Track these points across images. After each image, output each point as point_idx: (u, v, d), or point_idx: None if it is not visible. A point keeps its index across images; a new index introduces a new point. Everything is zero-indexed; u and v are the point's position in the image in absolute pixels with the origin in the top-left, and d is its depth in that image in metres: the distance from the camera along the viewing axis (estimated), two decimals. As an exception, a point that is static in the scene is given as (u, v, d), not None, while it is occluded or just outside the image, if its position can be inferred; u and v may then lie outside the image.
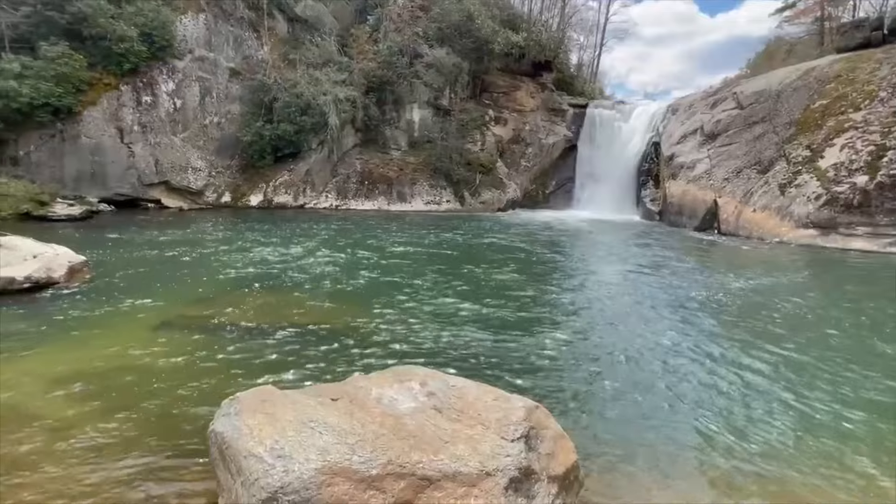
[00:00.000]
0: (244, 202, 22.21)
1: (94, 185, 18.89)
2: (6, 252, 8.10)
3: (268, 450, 2.45)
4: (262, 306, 7.39)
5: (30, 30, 18.08)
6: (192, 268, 9.93)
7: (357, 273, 9.92)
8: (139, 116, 19.83)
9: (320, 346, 5.83)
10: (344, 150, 24.88)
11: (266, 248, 12.36)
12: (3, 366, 4.93)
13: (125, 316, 6.75)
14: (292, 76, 23.07)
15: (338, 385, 3.54)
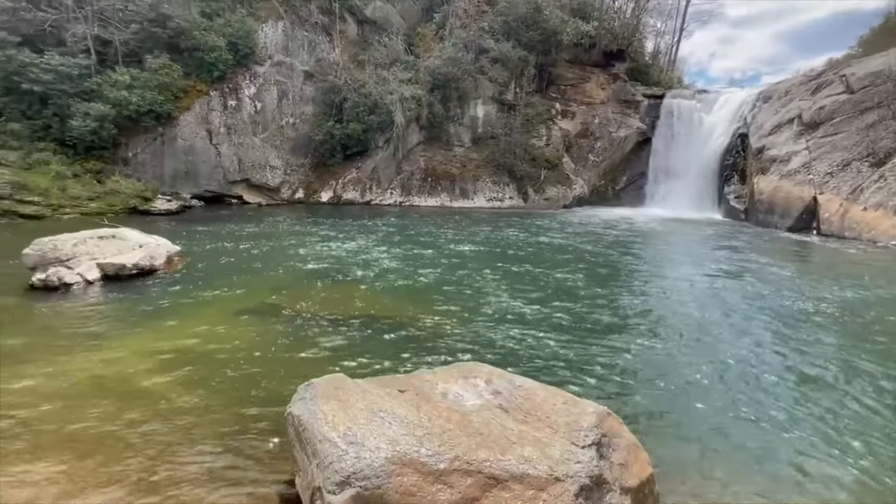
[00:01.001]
0: (315, 198, 23.46)
1: (187, 182, 20.90)
2: (119, 242, 9.19)
3: (341, 435, 2.53)
4: (330, 298, 7.74)
5: (138, 45, 20.34)
6: (269, 259, 10.64)
7: (419, 268, 10.07)
8: (225, 119, 21.61)
9: (384, 339, 5.98)
10: (408, 148, 25.41)
11: (335, 243, 12.94)
12: (115, 341, 5.59)
13: (212, 302, 7.38)
14: (361, 76, 23.93)
15: (404, 378, 3.59)
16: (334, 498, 2.30)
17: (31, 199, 15.74)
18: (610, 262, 11.58)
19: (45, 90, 17.67)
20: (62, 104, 17.90)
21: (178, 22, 19.87)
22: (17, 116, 17.53)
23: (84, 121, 17.79)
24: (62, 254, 8.20)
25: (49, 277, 7.73)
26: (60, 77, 18.01)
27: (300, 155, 23.76)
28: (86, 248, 8.55)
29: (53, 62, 18.06)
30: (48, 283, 7.65)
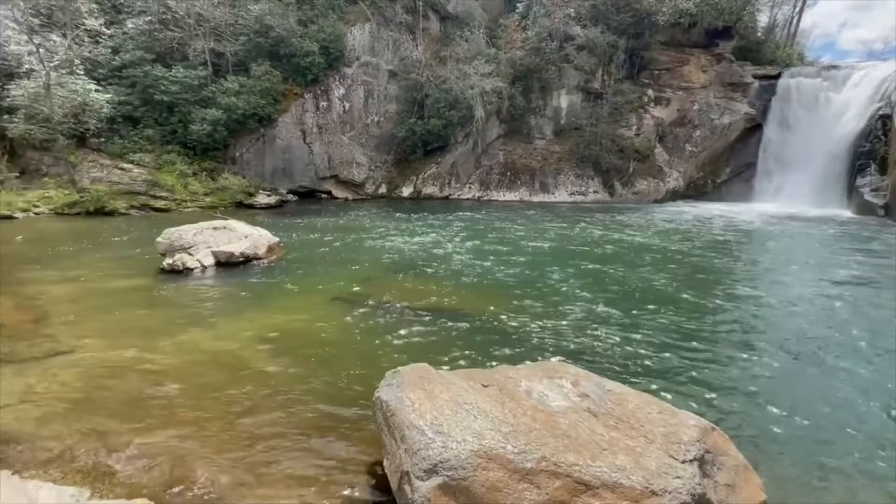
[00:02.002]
0: (397, 193, 24.31)
1: (284, 178, 22.78)
2: (229, 232, 10.26)
3: (428, 424, 2.56)
4: (411, 289, 7.94)
5: (245, 55, 22.51)
6: (355, 251, 11.22)
7: (497, 264, 9.97)
8: (317, 119, 23.16)
9: (461, 332, 5.99)
10: (488, 142, 25.28)
11: (415, 237, 13.29)
12: (226, 319, 6.25)
13: (306, 288, 7.95)
14: (443, 72, 24.22)
15: (487, 372, 3.54)
16: (422, 484, 2.34)
17: (161, 194, 18.22)
18: (709, 265, 10.49)
19: (173, 100, 20.28)
20: (185, 111, 20.44)
21: (279, 31, 21.63)
22: (151, 123, 20.36)
23: (202, 125, 20.16)
24: (185, 242, 9.36)
25: (175, 263, 8.86)
26: (184, 88, 20.55)
27: (383, 151, 24.74)
28: (203, 238, 9.67)
29: (179, 75, 20.66)
30: (174, 267, 8.78)
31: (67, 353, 5.05)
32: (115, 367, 4.72)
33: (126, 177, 18.22)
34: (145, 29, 21.79)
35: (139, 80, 20.20)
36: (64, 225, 14.14)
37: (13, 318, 6.13)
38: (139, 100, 20.19)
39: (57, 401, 4.01)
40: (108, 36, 21.59)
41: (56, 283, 7.91)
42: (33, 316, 6.28)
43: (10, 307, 6.57)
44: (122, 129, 19.74)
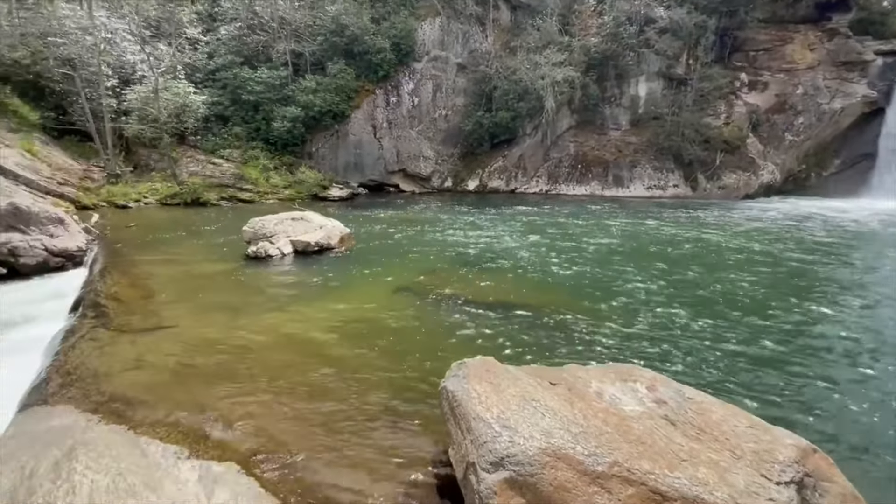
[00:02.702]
0: (462, 187, 24.39)
1: (355, 172, 23.76)
2: (305, 223, 10.90)
3: (495, 418, 2.53)
4: (475, 283, 7.93)
5: (322, 54, 23.69)
6: (421, 243, 11.43)
7: (564, 261, 9.65)
8: (387, 115, 23.83)
9: (524, 328, 5.88)
10: (557, 134, 24.50)
11: (479, 231, 13.25)
12: (302, 304, 6.66)
13: (374, 278, 8.24)
14: (512, 63, 23.80)
15: (555, 370, 3.43)
16: (488, 476, 2.32)
17: (246, 187, 19.81)
18: (809, 272, 9.33)
19: (257, 99, 21.90)
20: (268, 110, 21.98)
21: (353, 30, 22.48)
22: (239, 122, 22.16)
23: (282, 123, 21.57)
24: (267, 231, 10.10)
25: (258, 250, 9.59)
26: (267, 87, 22.09)
27: (450, 145, 24.91)
28: (282, 228, 10.36)
29: (263, 76, 22.24)
30: (258, 254, 9.51)
31: (169, 328, 5.67)
32: (208, 341, 5.22)
33: (217, 171, 20.03)
34: (235, 34, 23.69)
35: (229, 81, 22.04)
36: (166, 213, 15.87)
37: (128, 295, 6.99)
38: (229, 100, 22.04)
39: (162, 368, 4.52)
40: (205, 43, 23.77)
41: (160, 265, 8.90)
42: (143, 293, 7.13)
43: (125, 285, 7.51)
44: (215, 127, 21.69)
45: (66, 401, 3.84)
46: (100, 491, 2.45)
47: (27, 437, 3.18)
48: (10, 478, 2.57)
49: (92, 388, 4.06)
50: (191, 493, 2.58)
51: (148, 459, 2.88)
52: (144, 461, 2.85)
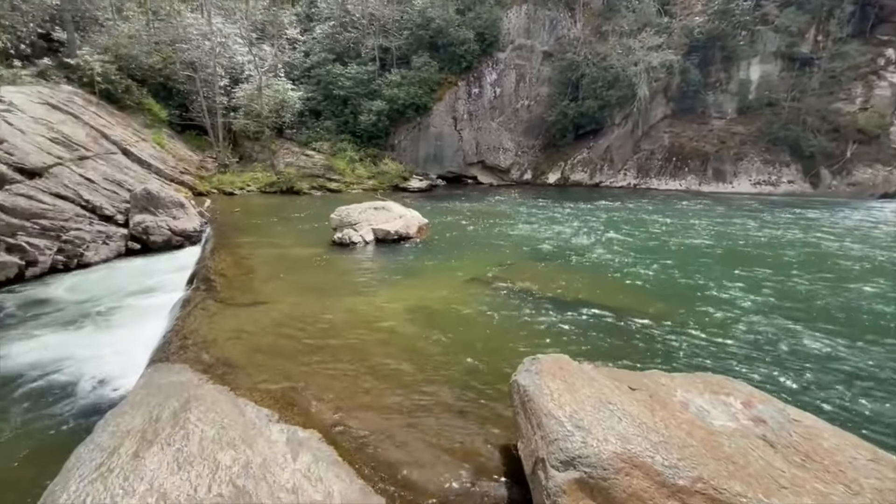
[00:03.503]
0: (542, 179, 23.75)
1: (434, 164, 24.19)
2: (386, 212, 11.36)
3: (567, 416, 2.46)
4: (551, 279, 7.71)
5: (407, 48, 24.31)
6: (497, 235, 11.36)
7: (650, 261, 9.00)
8: (468, 106, 23.87)
9: (603, 329, 5.60)
10: (650, 124, 22.82)
11: (559, 225, 12.83)
12: (381, 291, 6.98)
13: (450, 268, 8.37)
14: (603, 49, 22.54)
15: (635, 374, 3.24)
16: (558, 475, 2.27)
17: (334, 177, 21.10)
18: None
19: (347, 94, 23.11)
20: (356, 104, 23.12)
21: (438, 22, 22.76)
22: (329, 116, 23.59)
23: (368, 116, 22.57)
24: (351, 219, 10.69)
25: (343, 237, 10.20)
26: (356, 83, 23.22)
27: (531, 136, 24.34)
28: (365, 217, 10.90)
29: (352, 71, 23.40)
30: (342, 241, 10.12)
31: (265, 303, 6.26)
32: (296, 318, 5.68)
33: (309, 162, 21.56)
34: (329, 32, 25.16)
35: (322, 78, 23.51)
36: (265, 200, 17.46)
37: (233, 272, 7.83)
38: (321, 95, 23.53)
39: (258, 339, 5.02)
40: (302, 42, 25.57)
41: (259, 246, 9.84)
42: (244, 271, 7.94)
43: (231, 263, 8.42)
44: (309, 121, 23.32)
45: (182, 360, 4.43)
46: (207, 440, 2.80)
47: (154, 387, 3.72)
48: (141, 419, 3.04)
49: (202, 352, 4.63)
50: (279, 453, 2.85)
51: (245, 418, 3.23)
52: (242, 419, 3.19)
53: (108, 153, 14.38)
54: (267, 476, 2.62)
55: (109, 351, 6.01)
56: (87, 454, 2.74)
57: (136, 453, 2.67)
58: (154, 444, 2.76)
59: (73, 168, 11.83)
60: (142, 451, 2.69)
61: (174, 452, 2.68)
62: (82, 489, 2.42)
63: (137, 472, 2.52)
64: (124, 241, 11.02)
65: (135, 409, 3.25)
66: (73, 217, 10.48)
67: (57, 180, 10.98)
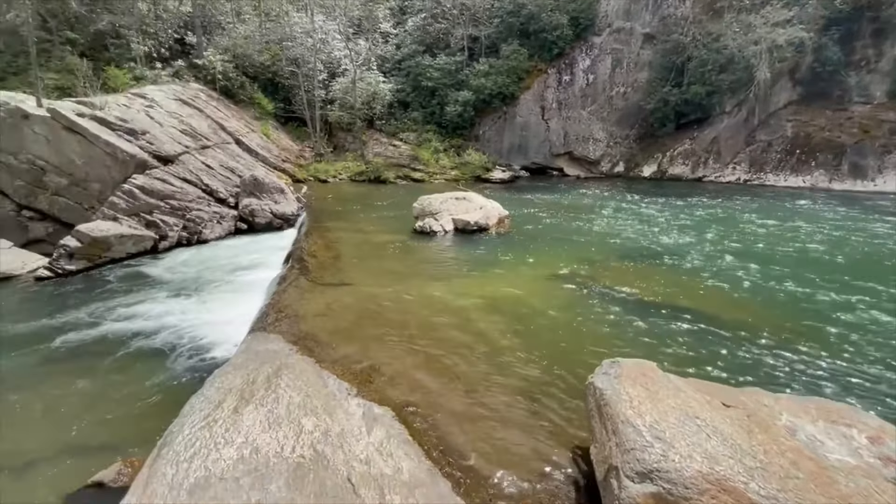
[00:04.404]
0: (636, 172, 22.17)
1: (518, 155, 23.71)
2: (467, 203, 11.42)
3: (647, 426, 2.29)
4: (638, 280, 7.19)
5: (497, 36, 23.96)
6: (581, 231, 10.86)
7: (758, 267, 8.00)
8: (558, 95, 22.96)
9: (694, 337, 5.10)
10: (770, 111, 20.15)
11: (651, 223, 11.92)
12: (458, 280, 7.06)
13: (528, 261, 8.19)
14: (716, 28, 20.29)
15: (731, 390, 2.92)
16: (633, 486, 2.13)
17: (418, 167, 21.64)
18: None
19: (434, 85, 23.46)
20: (443, 95, 23.38)
21: (530, 8, 22.10)
22: (417, 107, 24.14)
23: (454, 107, 22.73)
24: (433, 209, 10.91)
25: (424, 225, 10.46)
26: (443, 73, 23.46)
27: (625, 126, 22.80)
28: (446, 207, 11.05)
29: (441, 62, 23.66)
30: (423, 229, 10.38)
31: (350, 285, 6.66)
32: (377, 300, 5.96)
33: (396, 152, 22.34)
34: (420, 24, 25.67)
35: (412, 69, 24.10)
36: (354, 188, 18.48)
37: (323, 254, 8.43)
38: (410, 87, 24.15)
39: (341, 318, 5.36)
40: (394, 35, 26.40)
41: (346, 231, 10.46)
42: (333, 254, 8.51)
43: (321, 246, 9.07)
44: (397, 112, 24.10)
45: (276, 331, 4.88)
46: (294, 405, 3.07)
47: (252, 353, 4.15)
48: (240, 380, 3.41)
49: (293, 325, 5.07)
50: (355, 425, 3.03)
51: (327, 389, 3.47)
52: (325, 390, 3.44)
53: (224, 143, 16.19)
54: (343, 445, 2.79)
55: (219, 317, 6.83)
56: (198, 404, 3.15)
57: (235, 409, 3.00)
58: (250, 402, 3.08)
59: (197, 156, 13.51)
60: (240, 407, 3.02)
61: (266, 413, 2.97)
62: (193, 434, 2.78)
63: (236, 425, 2.83)
64: (234, 221, 12.39)
65: (236, 370, 3.66)
66: (195, 199, 12.00)
67: (184, 166, 12.63)
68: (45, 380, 5.32)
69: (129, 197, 10.94)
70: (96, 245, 9.66)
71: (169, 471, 2.49)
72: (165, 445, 2.75)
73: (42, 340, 6.33)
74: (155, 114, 14.01)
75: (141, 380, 5.25)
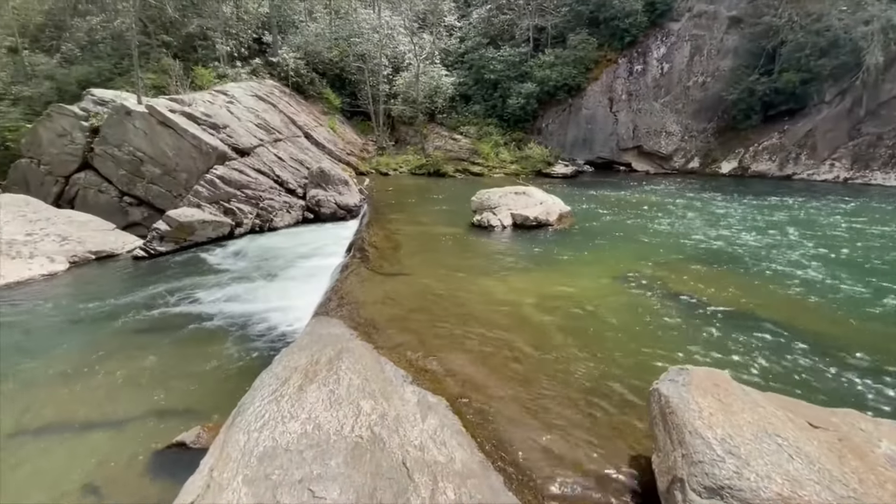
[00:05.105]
0: (712, 169, 20.58)
1: (583, 149, 22.86)
2: (526, 198, 11.20)
3: (718, 439, 2.13)
4: (711, 284, 6.67)
5: (564, 26, 23.16)
6: (648, 230, 10.27)
7: (857, 278, 7.12)
8: (628, 86, 21.80)
9: (773, 349, 4.65)
10: (880, 100, 17.80)
11: (730, 224, 11.03)
12: (515, 276, 6.97)
13: (589, 260, 7.90)
14: (816, 7, 18.23)
15: (820, 410, 2.63)
16: (700, 501, 1.99)
17: (478, 161, 21.54)
18: None
19: (497, 77, 23.16)
20: (506, 87, 23.04)
21: (601, -6, 21.13)
22: (479, 100, 23.99)
23: (517, 99, 22.32)
24: (491, 203, 10.83)
25: (482, 220, 10.41)
26: (507, 65, 23.08)
27: (702, 119, 21.21)
28: (505, 201, 10.91)
29: (505, 54, 23.30)
30: (481, 223, 10.34)
31: (407, 275, 6.80)
32: (434, 292, 6.05)
33: (456, 146, 22.39)
34: (485, 16, 25.42)
35: (475, 62, 23.95)
36: (413, 182, 18.79)
37: (383, 245, 8.68)
38: (473, 80, 24.03)
39: (399, 307, 5.49)
40: (458, 28, 26.36)
41: (405, 223, 10.67)
42: (392, 245, 8.72)
43: (382, 237, 9.34)
44: (459, 105, 24.10)
45: (339, 316, 5.10)
46: (353, 387, 3.20)
47: (316, 335, 4.37)
48: (305, 360, 3.61)
49: (354, 312, 5.27)
50: (410, 412, 3.10)
51: (384, 375, 3.58)
52: (382, 375, 3.55)
53: (294, 136, 17.10)
54: (399, 429, 2.87)
55: (286, 300, 7.28)
56: (268, 379, 3.37)
57: (300, 387, 3.18)
58: (313, 381, 3.25)
59: (270, 148, 14.39)
60: (305, 385, 3.20)
61: (328, 392, 3.12)
62: (263, 407, 2.99)
63: (300, 402, 3.00)
64: (302, 211, 13.08)
65: (301, 350, 3.87)
66: (267, 189, 12.81)
67: (259, 158, 13.51)
68: (133, 348, 5.97)
69: (211, 186, 11.90)
70: (182, 229, 10.63)
71: (242, 438, 2.70)
72: (239, 415, 2.98)
73: (133, 313, 7.11)
74: (234, 109, 15.09)
75: (214, 353, 5.73)
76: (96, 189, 12.49)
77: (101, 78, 20.33)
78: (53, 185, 12.92)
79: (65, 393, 4.97)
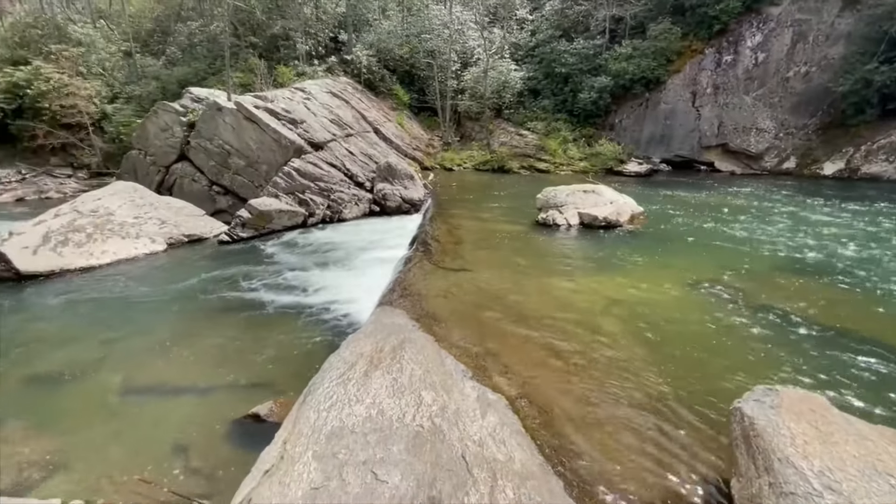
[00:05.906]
0: (812, 170, 18.45)
1: (659, 146, 21.49)
2: (595, 196, 10.76)
3: (815, 471, 1.91)
4: (801, 298, 5.99)
5: (644, 15, 21.84)
6: (730, 236, 9.44)
7: None
8: (715, 78, 20.13)
9: (876, 374, 4.07)
10: None
11: (829, 233, 9.85)
12: (581, 277, 6.72)
13: (661, 265, 7.42)
14: (950, -15, 15.67)
15: (944, 448, 2.27)
16: (788, 539, 1.81)
17: (544, 157, 21.03)
18: None
19: (569, 71, 22.40)
20: (577, 81, 22.23)
21: (689, -20, 19.65)
22: (548, 94, 23.35)
23: (589, 94, 21.46)
24: (558, 201, 10.52)
25: (547, 218, 10.16)
26: (580, 59, 22.24)
27: (803, 114, 19.08)
28: (572, 199, 10.56)
29: (578, 47, 22.46)
30: (546, 222, 10.10)
31: (469, 271, 6.81)
32: (495, 288, 6.00)
33: (522, 142, 22.01)
34: (559, 8, 24.64)
35: (546, 56, 23.33)
36: (477, 177, 18.75)
37: (446, 239, 8.77)
38: (543, 74, 23.44)
39: (460, 301, 5.52)
40: (530, 21, 25.79)
41: (467, 219, 10.69)
42: (454, 239, 8.78)
43: (444, 231, 9.43)
44: (527, 100, 23.64)
45: (402, 307, 5.23)
46: (415, 377, 3.27)
47: (380, 324, 4.52)
48: (370, 347, 3.75)
49: (416, 304, 5.38)
50: (470, 407, 3.10)
51: (445, 368, 3.62)
52: (442, 368, 3.59)
53: (364, 131, 17.73)
54: (458, 423, 2.89)
55: (353, 288, 7.60)
56: (336, 363, 3.54)
57: (366, 372, 3.31)
58: (378, 368, 3.36)
59: (341, 143, 15.03)
60: (370, 371, 3.32)
61: (391, 380, 3.22)
62: (331, 388, 3.15)
63: (366, 387, 3.12)
64: (369, 203, 13.56)
65: (367, 337, 4.02)
66: (338, 182, 13.42)
67: (331, 152, 14.17)
68: (216, 324, 6.54)
69: (288, 178, 12.69)
70: (262, 217, 11.45)
71: (312, 415, 2.86)
72: (310, 394, 3.16)
73: (217, 292, 7.80)
74: (311, 105, 15.94)
75: (286, 334, 6.14)
76: (190, 178, 13.82)
77: (198, 77, 22.42)
78: (156, 174, 14.48)
79: (160, 361, 5.57)
